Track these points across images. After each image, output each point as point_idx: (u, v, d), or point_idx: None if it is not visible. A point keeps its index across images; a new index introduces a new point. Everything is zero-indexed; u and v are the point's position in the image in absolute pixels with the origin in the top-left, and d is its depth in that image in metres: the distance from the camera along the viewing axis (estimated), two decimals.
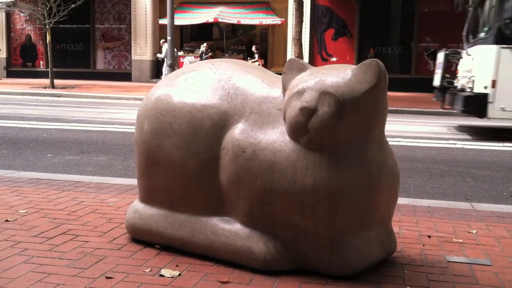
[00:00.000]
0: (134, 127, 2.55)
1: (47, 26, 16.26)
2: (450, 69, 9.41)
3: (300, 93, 2.05)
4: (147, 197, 2.48)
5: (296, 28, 13.77)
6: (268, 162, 2.10)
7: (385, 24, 18.45)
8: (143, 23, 20.10)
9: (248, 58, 18.28)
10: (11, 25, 22.03)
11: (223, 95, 2.28)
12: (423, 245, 2.59)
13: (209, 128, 2.24)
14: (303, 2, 13.90)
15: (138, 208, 2.52)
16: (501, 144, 7.16)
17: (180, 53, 19.05)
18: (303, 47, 14.83)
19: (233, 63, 2.45)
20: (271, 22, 19.23)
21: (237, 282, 2.08)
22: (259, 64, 13.32)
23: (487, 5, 8.14)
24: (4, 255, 2.31)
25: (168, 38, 14.06)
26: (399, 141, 7.06)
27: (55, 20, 16.14)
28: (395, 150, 2.50)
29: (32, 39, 21.99)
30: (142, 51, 20.01)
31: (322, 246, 2.11)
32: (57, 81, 16.82)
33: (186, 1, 20.02)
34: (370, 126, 2.08)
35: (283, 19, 18.74)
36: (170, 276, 2.12)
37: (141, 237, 2.50)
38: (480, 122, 9.12)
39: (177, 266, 2.23)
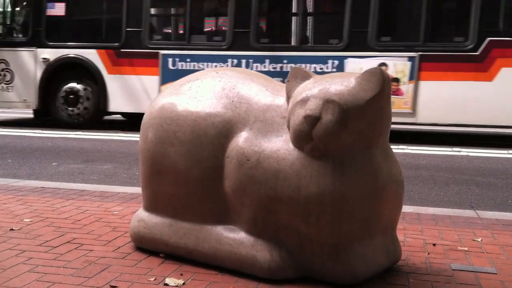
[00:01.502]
0: (138, 135, 2.56)
1: None
2: None
3: (304, 101, 2.06)
4: (152, 206, 2.48)
5: None
6: (272, 170, 2.10)
7: None
8: None
9: None
10: None
11: (227, 104, 2.29)
12: (428, 253, 2.58)
13: (213, 136, 2.25)
14: None
15: (142, 217, 2.52)
16: (505, 151, 7.14)
17: None
18: None
19: (237, 71, 2.45)
20: None
21: None
22: None
23: None
24: (9, 264, 2.31)
25: None
26: (404, 149, 7.05)
27: None
28: (399, 157, 2.50)
29: None
30: None
31: (326, 253, 2.11)
32: None
33: None
34: (374, 134, 2.08)
35: None
36: (174, 285, 2.11)
37: (146, 245, 2.50)
38: None
39: (181, 274, 2.23)
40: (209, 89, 2.37)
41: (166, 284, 2.12)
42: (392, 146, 2.29)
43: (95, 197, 3.63)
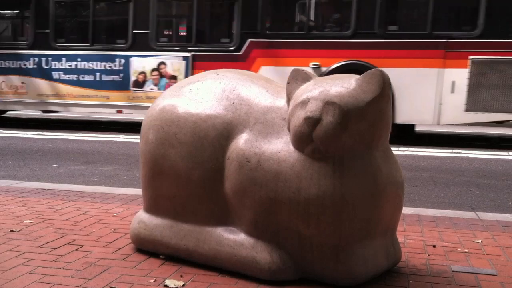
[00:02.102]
0: (138, 137, 2.56)
1: None
2: None
3: (304, 103, 2.06)
4: (152, 207, 2.48)
5: None
6: (272, 172, 2.11)
7: None
8: None
9: None
10: None
11: (228, 105, 2.29)
12: (428, 255, 2.58)
13: (214, 138, 2.25)
14: None
15: (143, 218, 2.52)
16: (506, 153, 7.14)
17: None
18: None
19: (238, 73, 2.46)
20: None
21: None
22: None
23: None
24: (9, 265, 2.31)
25: None
26: (404, 150, 7.05)
27: None
28: (399, 159, 2.50)
29: None
30: None
31: (327, 255, 2.11)
32: None
33: None
34: (374, 135, 2.08)
35: None
36: (174, 286, 2.11)
37: (146, 247, 2.50)
38: None
39: (181, 276, 2.23)
40: (210, 91, 2.37)
41: (166, 286, 2.12)
42: (392, 148, 2.29)
43: (95, 199, 3.63)
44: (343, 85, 2.05)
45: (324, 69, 8.15)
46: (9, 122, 10.22)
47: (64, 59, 9.45)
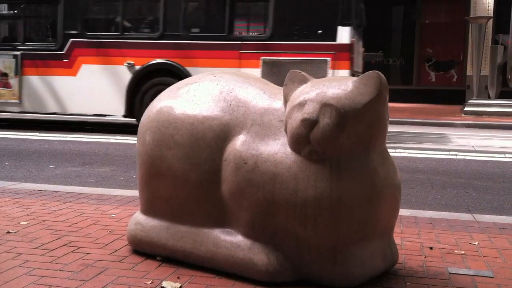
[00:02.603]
0: (136, 138, 2.56)
1: None
2: None
3: (301, 104, 2.06)
4: (149, 209, 2.48)
5: None
6: (269, 173, 2.11)
7: (386, 35, 18.71)
8: None
9: None
10: None
11: (225, 107, 2.29)
12: (425, 257, 2.59)
13: (211, 139, 2.25)
14: None
15: (139, 220, 2.52)
16: (502, 155, 7.15)
17: None
18: None
19: (235, 74, 2.46)
20: None
21: None
22: None
23: None
24: (5, 267, 2.31)
25: None
26: (401, 152, 7.06)
27: None
28: (396, 161, 2.51)
29: None
30: None
31: (324, 257, 2.11)
32: None
33: None
34: (371, 137, 2.09)
35: None
36: None
37: (143, 248, 2.50)
38: None
39: (178, 278, 2.23)
40: (207, 92, 2.37)
41: None
42: (389, 150, 2.29)
43: (92, 200, 3.62)
44: (340, 87, 2.05)
45: (137, 67, 8.81)
46: (6, 123, 10.22)
47: None
